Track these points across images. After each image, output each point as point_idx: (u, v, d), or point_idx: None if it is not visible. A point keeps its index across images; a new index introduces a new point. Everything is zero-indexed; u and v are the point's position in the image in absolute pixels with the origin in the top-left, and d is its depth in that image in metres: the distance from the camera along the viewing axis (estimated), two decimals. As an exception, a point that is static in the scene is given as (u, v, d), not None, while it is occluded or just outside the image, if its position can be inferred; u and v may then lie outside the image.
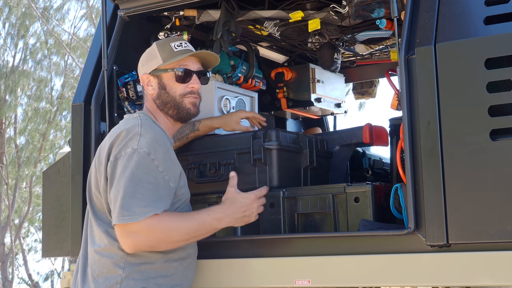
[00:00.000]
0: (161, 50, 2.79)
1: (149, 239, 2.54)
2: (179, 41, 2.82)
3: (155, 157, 2.56)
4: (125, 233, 2.53)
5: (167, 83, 2.78)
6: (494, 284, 2.40)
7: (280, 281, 2.72)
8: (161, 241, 2.57)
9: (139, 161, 2.54)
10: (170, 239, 2.58)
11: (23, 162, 16.05)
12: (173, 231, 2.57)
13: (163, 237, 2.56)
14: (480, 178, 2.42)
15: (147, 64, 2.82)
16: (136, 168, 2.53)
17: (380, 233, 2.62)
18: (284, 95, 4.01)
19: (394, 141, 3.10)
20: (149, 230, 2.52)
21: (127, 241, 2.54)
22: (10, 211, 16.10)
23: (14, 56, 16.40)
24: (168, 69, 2.77)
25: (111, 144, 2.62)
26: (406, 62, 2.57)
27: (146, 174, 2.54)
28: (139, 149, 2.55)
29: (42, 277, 17.95)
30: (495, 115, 2.41)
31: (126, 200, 2.50)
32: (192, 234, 2.61)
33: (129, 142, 2.57)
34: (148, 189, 2.53)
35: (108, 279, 2.58)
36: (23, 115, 16.62)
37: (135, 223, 2.50)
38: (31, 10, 15.97)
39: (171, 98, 2.77)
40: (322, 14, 3.46)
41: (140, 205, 2.50)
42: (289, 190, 2.94)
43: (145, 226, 2.51)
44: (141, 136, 2.58)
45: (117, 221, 2.52)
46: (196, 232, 2.62)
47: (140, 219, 2.49)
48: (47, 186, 3.52)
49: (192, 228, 2.60)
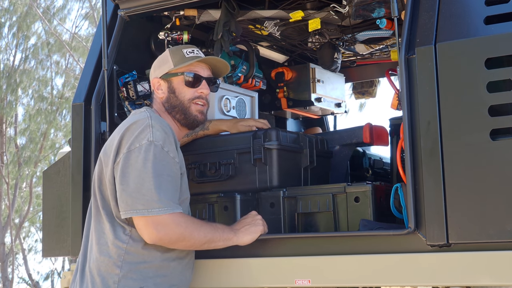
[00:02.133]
0: (173, 55, 2.85)
1: (174, 233, 2.57)
2: (191, 48, 2.88)
3: (169, 150, 2.60)
4: (151, 224, 2.54)
5: (177, 87, 2.83)
6: (494, 284, 2.40)
7: (280, 281, 2.72)
8: (183, 238, 2.59)
9: (157, 154, 2.57)
10: (191, 238, 2.60)
11: (23, 161, 16.05)
12: (195, 231, 2.61)
13: (186, 234, 2.59)
14: (480, 178, 2.42)
15: (159, 68, 2.88)
16: (156, 161, 2.56)
17: (380, 233, 2.62)
18: (284, 94, 4.01)
19: (394, 140, 3.10)
20: (176, 224, 2.56)
21: (152, 231, 2.55)
22: (11, 211, 16.11)
23: (15, 56, 16.42)
24: (179, 73, 2.82)
25: (121, 137, 2.63)
26: (406, 62, 2.57)
27: (165, 166, 2.58)
28: (155, 141, 2.58)
29: (42, 276, 17.97)
30: (495, 114, 2.41)
31: (151, 193, 2.52)
32: (210, 238, 2.65)
33: (142, 134, 2.60)
34: (169, 182, 2.58)
35: (106, 278, 2.59)
36: (23, 114, 16.64)
37: (163, 215, 2.53)
38: (32, 9, 15.97)
39: (180, 102, 2.81)
40: (322, 13, 3.46)
41: (167, 198, 2.54)
42: (289, 189, 2.94)
43: (173, 219, 2.55)
44: (153, 128, 2.61)
45: (145, 213, 2.53)
46: (213, 237, 2.66)
47: (168, 212, 2.54)
48: (47, 186, 3.52)
49: (211, 232, 2.65)
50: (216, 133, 3.20)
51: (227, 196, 2.98)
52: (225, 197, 2.99)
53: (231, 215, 2.95)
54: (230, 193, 2.98)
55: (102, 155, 2.71)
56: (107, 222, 2.64)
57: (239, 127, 3.17)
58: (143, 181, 2.54)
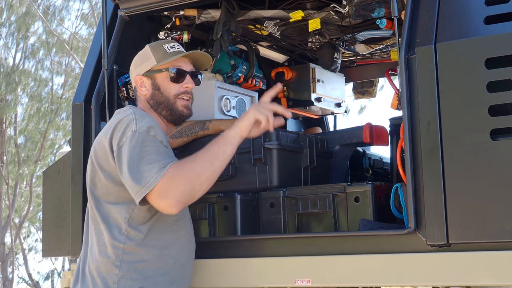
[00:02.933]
0: (154, 52, 2.82)
1: (179, 186, 2.48)
2: (171, 43, 2.86)
3: (155, 134, 2.57)
4: (155, 197, 2.48)
5: (161, 84, 2.80)
6: (494, 284, 2.40)
7: (281, 280, 2.72)
8: (194, 182, 2.50)
9: (142, 139, 2.54)
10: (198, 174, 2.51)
11: (23, 161, 16.05)
12: (194, 167, 2.52)
13: (192, 176, 2.50)
14: (480, 178, 2.42)
15: (140, 65, 2.85)
16: (140, 146, 2.52)
17: (380, 232, 2.62)
18: (284, 94, 4.01)
19: (394, 140, 3.10)
20: (174, 181, 2.48)
21: (162, 202, 2.49)
22: (11, 211, 16.10)
23: (15, 55, 16.42)
24: (163, 69, 2.79)
25: (110, 138, 2.62)
26: (406, 62, 2.57)
27: (151, 147, 2.53)
28: (139, 129, 2.56)
29: (42, 276, 17.97)
30: (495, 114, 2.41)
31: (139, 175, 2.48)
32: (214, 157, 2.55)
33: (127, 128, 2.58)
34: (159, 155, 2.51)
35: (106, 279, 2.59)
36: (23, 114, 16.63)
37: (157, 183, 2.47)
38: (32, 9, 15.97)
39: (165, 98, 2.79)
40: (322, 13, 3.46)
41: (153, 171, 2.48)
42: (289, 189, 2.94)
43: (168, 178, 2.47)
44: (137, 120, 2.59)
45: (144, 192, 2.48)
46: (217, 154, 2.56)
47: (160, 178, 2.47)
48: (48, 185, 3.53)
49: (208, 152, 2.56)
50: (216, 133, 3.19)
51: (227, 196, 2.99)
52: (225, 197, 2.99)
53: (231, 215, 2.95)
54: (230, 193, 2.98)
55: (93, 157, 2.70)
56: (102, 223, 2.64)
57: None
58: (134, 166, 2.50)
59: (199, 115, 3.20)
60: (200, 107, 3.21)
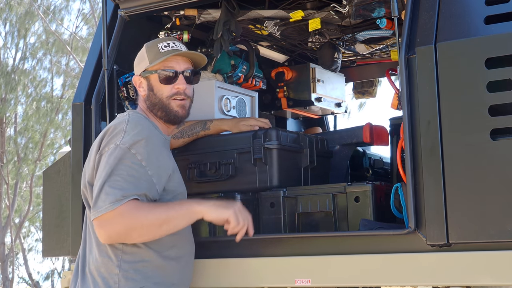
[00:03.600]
0: (148, 52, 2.81)
1: (119, 225, 2.49)
2: (167, 41, 2.81)
3: (137, 152, 2.56)
4: (99, 224, 2.52)
5: (154, 85, 2.78)
6: (494, 284, 2.40)
7: (281, 280, 2.72)
8: (132, 228, 2.50)
9: (120, 156, 2.54)
10: (142, 225, 2.50)
11: (23, 161, 16.04)
12: (143, 216, 2.49)
13: (134, 222, 2.49)
14: (481, 178, 2.42)
15: (138, 66, 2.85)
16: (116, 163, 2.53)
17: (380, 232, 2.62)
18: (284, 94, 4.01)
19: (395, 140, 3.10)
20: (121, 216, 2.48)
21: (100, 232, 2.53)
22: (11, 211, 16.10)
23: (15, 55, 16.42)
24: (153, 70, 2.78)
25: (100, 141, 2.65)
26: (407, 62, 2.57)
27: (127, 167, 2.53)
28: (121, 145, 2.56)
29: (42, 276, 17.97)
30: (495, 114, 2.41)
31: (102, 193, 2.50)
32: (164, 218, 2.53)
33: (113, 139, 2.59)
34: (127, 181, 2.51)
35: (106, 279, 2.58)
36: (23, 114, 16.62)
37: (107, 212, 2.48)
38: (32, 9, 15.97)
39: (159, 99, 2.77)
40: (323, 13, 3.46)
41: (117, 195, 2.48)
42: (289, 189, 2.94)
43: (117, 213, 2.47)
44: (126, 133, 2.59)
45: (94, 214, 2.51)
46: (168, 216, 2.54)
47: (114, 207, 2.47)
48: (48, 185, 3.53)
49: (165, 212, 2.54)
50: (217, 132, 3.19)
51: (227, 196, 2.98)
52: (225, 197, 2.98)
53: (231, 215, 2.94)
54: (230, 193, 2.98)
55: (92, 156, 2.71)
56: None
57: (240, 126, 3.15)
58: (98, 185, 2.53)
59: (199, 115, 3.20)
60: (200, 107, 3.21)
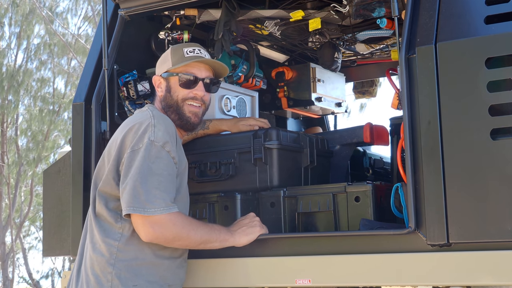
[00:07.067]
0: (173, 54, 2.86)
1: (170, 233, 2.58)
2: (192, 47, 2.88)
3: (170, 149, 2.62)
4: (148, 223, 2.55)
5: (173, 87, 2.84)
6: (494, 284, 2.40)
7: (281, 280, 2.72)
8: (179, 238, 2.61)
9: (157, 154, 2.59)
10: (187, 238, 2.62)
11: (24, 161, 16.04)
12: (192, 231, 2.62)
13: (183, 234, 2.60)
14: (481, 178, 2.42)
15: (160, 66, 2.90)
16: (156, 161, 2.58)
17: (380, 232, 2.62)
18: (284, 94, 4.01)
19: (395, 140, 3.10)
20: (173, 225, 2.57)
21: (149, 230, 2.56)
22: (11, 210, 16.11)
23: (17, 56, 16.42)
24: (175, 73, 2.83)
25: (124, 137, 2.65)
26: (407, 62, 2.57)
27: (165, 165, 2.60)
28: (156, 142, 2.59)
29: (42, 276, 17.96)
30: (495, 114, 2.41)
31: (149, 192, 2.54)
32: (206, 239, 2.66)
33: (144, 134, 2.61)
34: (170, 181, 2.60)
35: (99, 277, 2.59)
36: (24, 114, 16.62)
37: (161, 215, 2.55)
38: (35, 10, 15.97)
39: (174, 101, 2.82)
40: (323, 13, 3.46)
41: (165, 198, 2.56)
42: (290, 189, 2.94)
43: (169, 220, 2.56)
44: (155, 127, 2.62)
45: (141, 211, 2.54)
46: (210, 238, 2.67)
47: (166, 212, 2.55)
48: (48, 185, 3.53)
49: (208, 233, 2.67)
50: (217, 132, 3.19)
51: (227, 195, 2.98)
52: (225, 197, 2.99)
53: (231, 215, 2.95)
54: (230, 193, 2.98)
55: (106, 153, 2.73)
56: (100, 220, 2.66)
57: (240, 126, 3.16)
58: (142, 180, 2.55)
59: (201, 115, 3.20)
60: (201, 106, 3.21)
